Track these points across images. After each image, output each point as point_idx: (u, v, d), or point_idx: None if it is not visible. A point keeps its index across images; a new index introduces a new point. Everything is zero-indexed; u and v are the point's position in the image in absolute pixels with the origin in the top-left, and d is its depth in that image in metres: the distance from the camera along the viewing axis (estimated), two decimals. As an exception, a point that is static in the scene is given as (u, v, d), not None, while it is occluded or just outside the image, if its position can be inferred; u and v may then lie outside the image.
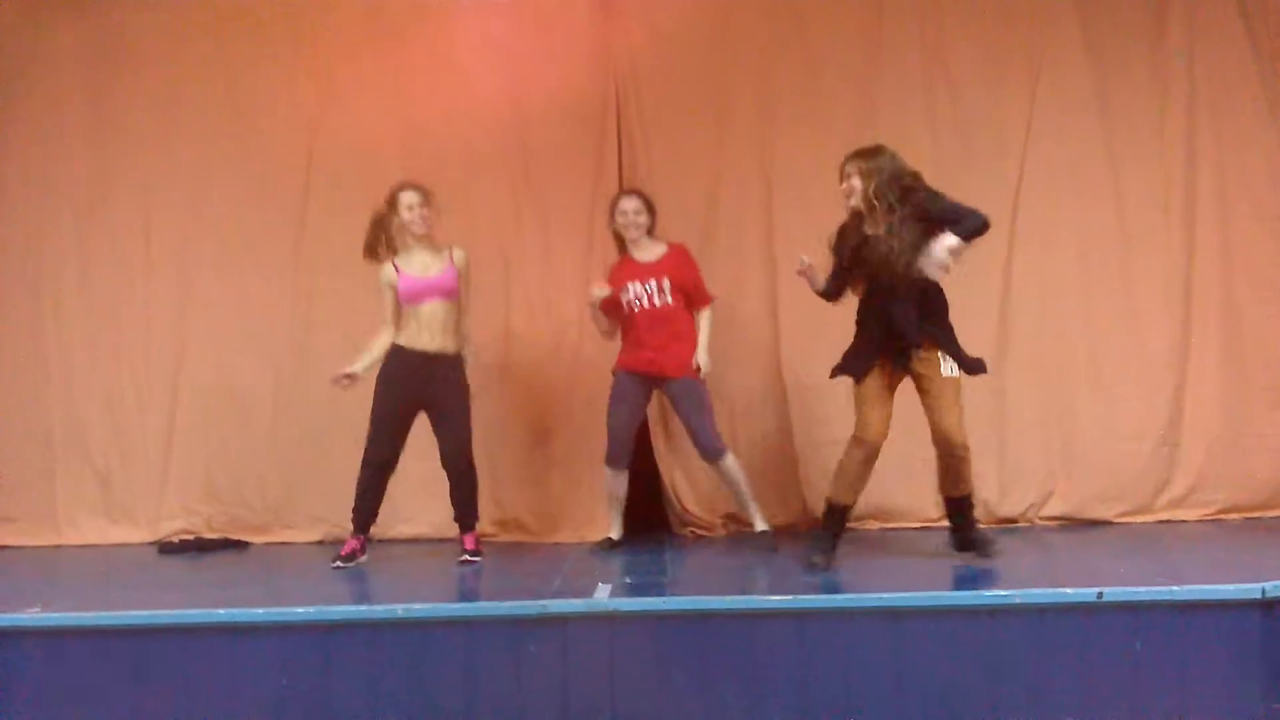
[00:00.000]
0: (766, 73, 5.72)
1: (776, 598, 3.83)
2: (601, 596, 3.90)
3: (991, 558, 4.38)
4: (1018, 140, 5.61)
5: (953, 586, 4.11)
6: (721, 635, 3.75)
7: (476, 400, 5.08)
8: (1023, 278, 5.58)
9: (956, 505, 4.50)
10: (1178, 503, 5.48)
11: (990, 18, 5.65)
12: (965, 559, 4.46)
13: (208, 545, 5.56)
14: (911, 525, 5.45)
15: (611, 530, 5.25)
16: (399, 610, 3.79)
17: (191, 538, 5.64)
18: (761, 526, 5.10)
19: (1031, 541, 5.10)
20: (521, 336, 5.72)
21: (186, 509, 5.75)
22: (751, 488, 5.13)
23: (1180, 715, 3.62)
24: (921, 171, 4.40)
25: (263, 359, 5.77)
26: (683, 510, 5.62)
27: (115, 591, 4.59)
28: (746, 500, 5.13)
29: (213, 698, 3.72)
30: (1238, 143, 5.57)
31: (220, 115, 5.84)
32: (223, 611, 3.82)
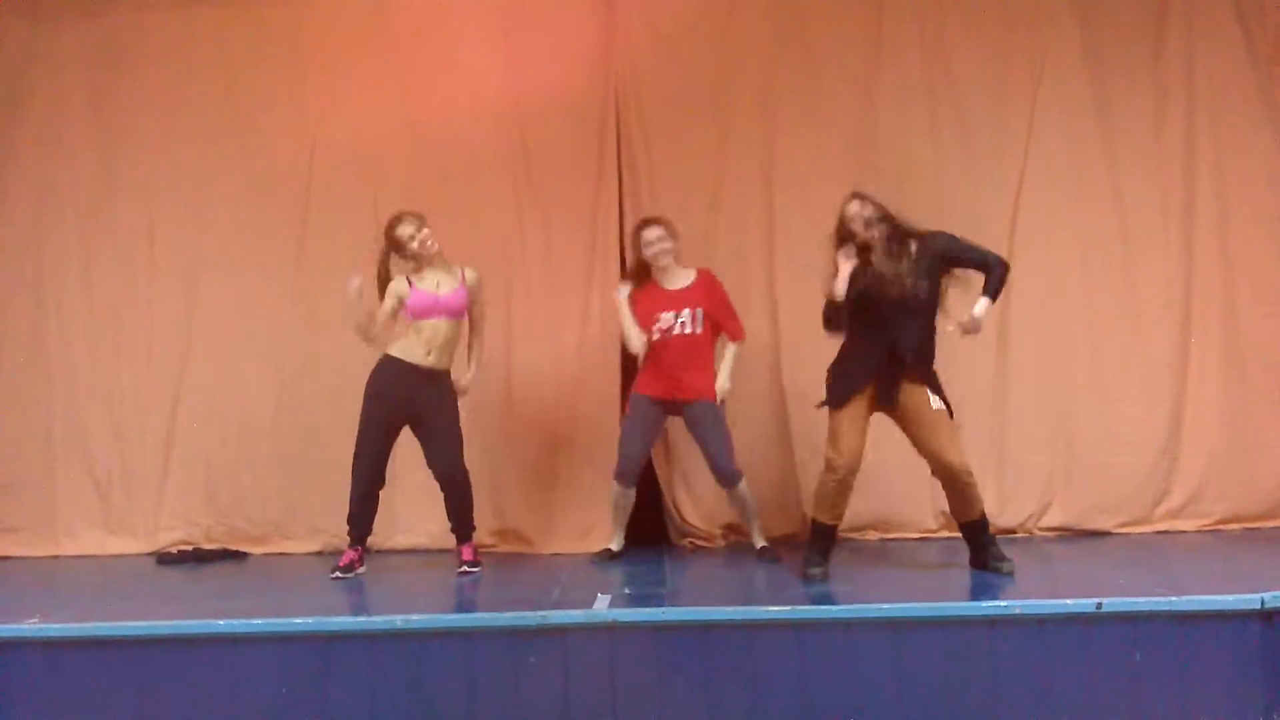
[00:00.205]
0: (767, 73, 5.71)
1: (776, 609, 3.81)
2: (601, 607, 3.89)
3: (1012, 574, 4.33)
4: (1019, 142, 5.59)
5: (952, 597, 4.10)
6: (721, 646, 3.73)
7: (478, 407, 5.05)
8: (1023, 279, 5.51)
9: (972, 529, 4.47)
10: (1176, 513, 5.46)
11: (991, 19, 5.64)
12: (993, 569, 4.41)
13: (206, 556, 5.55)
14: (911, 536, 5.44)
15: (612, 542, 5.23)
16: (398, 621, 3.78)
17: (190, 548, 5.63)
18: (761, 543, 5.09)
19: (1031, 552, 5.07)
20: (523, 336, 5.70)
21: (185, 519, 5.75)
22: (756, 505, 5.11)
23: (1180, 727, 3.61)
24: (921, 173, 4.40)
25: (265, 360, 5.76)
26: (682, 521, 5.61)
27: (115, 602, 4.59)
28: (752, 520, 5.11)
29: (212, 709, 3.72)
30: (1236, 146, 5.56)
31: (221, 115, 5.84)
32: (222, 622, 3.81)
